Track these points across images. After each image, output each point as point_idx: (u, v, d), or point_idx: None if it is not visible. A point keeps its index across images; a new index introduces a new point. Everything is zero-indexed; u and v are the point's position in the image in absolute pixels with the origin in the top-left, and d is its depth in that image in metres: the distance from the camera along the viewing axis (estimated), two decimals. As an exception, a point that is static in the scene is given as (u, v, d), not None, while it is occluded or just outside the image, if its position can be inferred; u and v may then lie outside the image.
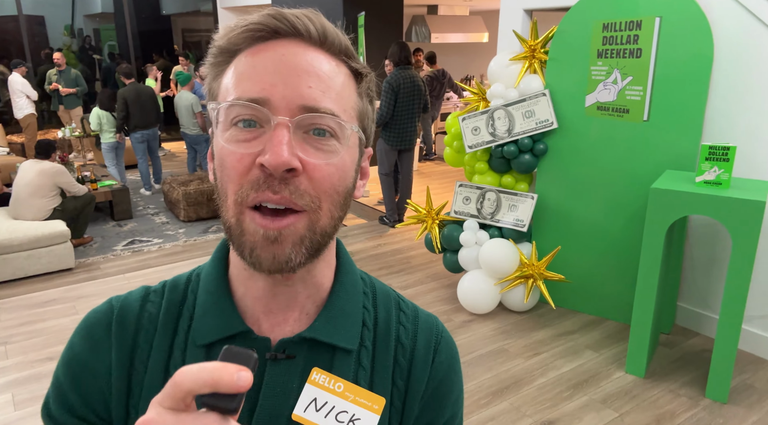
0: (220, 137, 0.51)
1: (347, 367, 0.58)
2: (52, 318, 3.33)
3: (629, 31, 2.84)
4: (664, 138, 2.87)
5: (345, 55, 0.54)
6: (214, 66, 0.54)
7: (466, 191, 3.41)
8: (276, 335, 0.57)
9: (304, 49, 0.51)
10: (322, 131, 0.50)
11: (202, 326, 0.57)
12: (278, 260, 0.50)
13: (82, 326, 0.60)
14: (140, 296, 0.61)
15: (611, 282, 3.18)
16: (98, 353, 0.58)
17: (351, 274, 0.63)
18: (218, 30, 0.53)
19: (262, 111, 0.48)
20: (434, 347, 0.63)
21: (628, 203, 3.04)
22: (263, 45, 0.51)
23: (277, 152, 0.47)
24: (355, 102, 0.54)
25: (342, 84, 0.52)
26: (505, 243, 3.16)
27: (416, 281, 3.80)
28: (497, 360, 2.83)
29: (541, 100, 3.14)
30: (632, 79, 2.89)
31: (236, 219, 0.50)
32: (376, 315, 0.63)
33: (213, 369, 0.38)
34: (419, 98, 4.71)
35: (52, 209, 4.26)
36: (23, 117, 7.07)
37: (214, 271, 0.60)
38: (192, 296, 0.60)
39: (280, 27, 0.50)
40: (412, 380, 0.61)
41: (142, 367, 0.57)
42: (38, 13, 9.83)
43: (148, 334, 0.58)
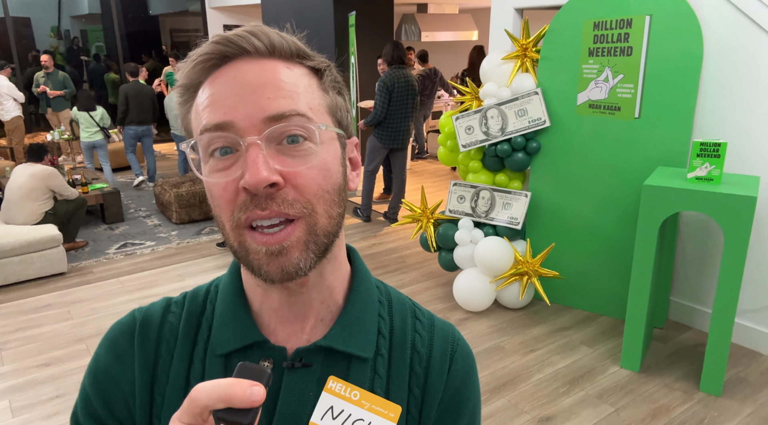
0: (203, 172, 0.52)
1: (363, 375, 0.58)
2: (46, 324, 3.31)
3: (620, 29, 2.87)
4: (655, 135, 2.90)
5: (298, 57, 0.54)
6: (182, 104, 0.55)
7: (461, 190, 3.43)
8: (292, 344, 0.58)
9: (255, 64, 0.51)
10: (295, 137, 0.50)
11: (220, 336, 0.58)
12: (287, 271, 0.51)
13: (106, 337, 0.62)
14: (162, 307, 0.63)
15: (605, 278, 3.22)
16: (122, 364, 0.59)
17: (366, 283, 0.63)
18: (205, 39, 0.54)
19: (229, 136, 0.49)
20: (450, 355, 0.63)
21: (621, 200, 3.07)
22: (218, 72, 0.52)
23: (254, 171, 0.47)
24: (321, 98, 0.54)
25: (302, 85, 0.52)
26: (500, 241, 3.18)
27: (412, 280, 3.81)
28: (494, 357, 2.86)
29: (533, 99, 3.16)
30: (623, 77, 2.92)
31: (238, 242, 0.52)
32: (392, 324, 0.63)
33: (227, 386, 0.39)
34: (413, 98, 4.72)
35: (44, 213, 4.23)
36: (9, 120, 6.99)
37: (231, 283, 0.61)
38: (211, 307, 0.61)
39: (227, 50, 0.51)
40: (428, 388, 0.61)
41: (164, 377, 0.59)
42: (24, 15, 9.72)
43: (169, 345, 0.60)
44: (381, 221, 5.13)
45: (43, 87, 7.28)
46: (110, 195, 5.20)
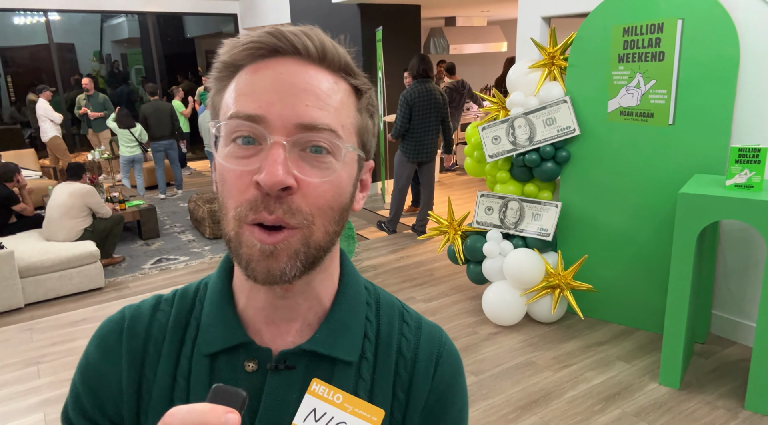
0: (221, 154, 0.52)
1: (347, 379, 0.58)
2: (83, 337, 3.40)
3: (651, 34, 2.79)
4: (690, 142, 2.80)
5: (345, 72, 0.54)
6: (218, 80, 0.55)
7: (488, 201, 3.38)
8: (277, 345, 0.58)
9: (302, 67, 0.51)
10: (319, 148, 0.51)
11: (207, 336, 0.59)
12: (272, 273, 0.51)
13: (96, 335, 0.62)
14: (151, 305, 0.63)
15: (641, 291, 3.10)
16: (110, 361, 0.60)
17: (354, 285, 0.63)
18: (223, 44, 0.55)
19: (258, 129, 0.50)
20: (436, 359, 0.63)
21: (656, 209, 2.96)
22: (263, 63, 0.52)
23: (272, 171, 0.48)
24: (355, 118, 0.55)
25: (340, 101, 0.53)
26: (530, 253, 3.11)
27: (440, 294, 3.76)
28: (525, 373, 2.77)
29: (562, 108, 3.10)
30: (655, 82, 2.83)
31: (235, 233, 0.52)
32: (379, 326, 0.63)
33: (202, 413, 0.39)
34: (437, 111, 4.70)
35: (83, 230, 4.37)
36: (48, 140, 7.31)
37: (219, 282, 0.61)
38: (200, 306, 0.62)
39: (279, 46, 0.51)
40: (413, 392, 0.61)
41: (151, 374, 0.59)
42: (68, 41, 10.19)
43: (157, 342, 0.60)
44: (408, 233, 5.10)
45: (85, 109, 7.58)
46: (147, 212, 5.35)
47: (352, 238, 4.22)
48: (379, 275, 4.15)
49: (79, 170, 4.53)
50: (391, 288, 3.89)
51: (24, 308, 3.92)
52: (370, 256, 4.58)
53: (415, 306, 3.58)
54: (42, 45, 9.47)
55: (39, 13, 9.32)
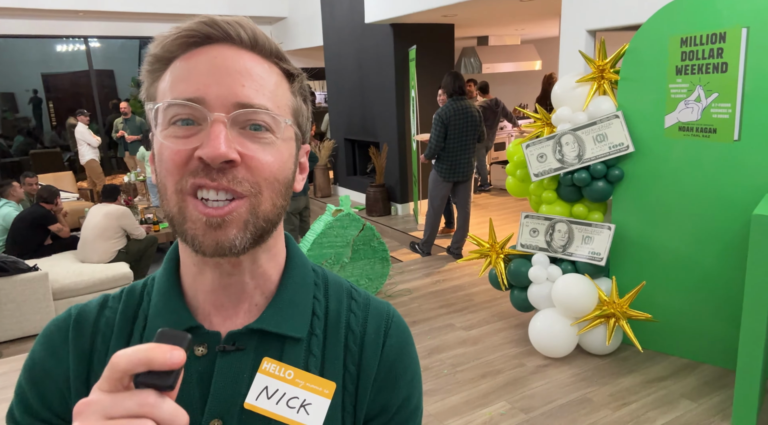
0: (159, 136, 0.52)
1: (297, 355, 0.59)
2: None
3: (712, 44, 2.60)
4: (758, 158, 2.57)
5: (276, 58, 0.56)
6: (150, 73, 0.55)
7: (533, 223, 3.19)
8: (227, 328, 0.59)
9: (235, 52, 0.53)
10: (258, 126, 0.52)
11: (155, 325, 0.59)
12: (221, 245, 0.51)
13: (42, 333, 0.61)
14: (98, 302, 0.63)
15: (706, 321, 2.84)
16: (57, 358, 0.59)
17: (301, 267, 0.64)
18: (154, 39, 0.55)
19: (198, 109, 0.50)
20: (384, 331, 0.64)
21: (721, 232, 2.72)
22: (197, 50, 0.53)
23: (215, 144, 0.49)
24: (289, 99, 0.57)
25: (275, 83, 0.55)
26: (581, 279, 2.90)
27: (481, 321, 3.56)
28: (581, 411, 2.54)
29: (613, 123, 2.91)
30: (718, 95, 2.63)
31: (178, 208, 0.52)
32: (327, 305, 0.64)
33: (146, 349, 0.40)
34: (474, 129, 4.56)
35: (117, 251, 4.34)
36: (85, 163, 7.45)
37: (166, 272, 0.62)
38: (147, 298, 0.62)
39: (212, 33, 0.53)
40: (363, 364, 0.62)
41: (100, 368, 0.58)
42: (108, 68, 10.49)
43: (105, 337, 0.60)
44: (444, 256, 4.92)
45: (122, 132, 7.72)
46: (178, 233, 5.32)
47: (386, 260, 4.06)
48: (415, 299, 3.98)
49: (115, 192, 4.53)
50: (428, 314, 3.70)
51: (56, 331, 3.87)
52: (405, 279, 4.41)
53: (455, 334, 3.38)
54: (82, 71, 9.76)
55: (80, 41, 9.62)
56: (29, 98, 9.87)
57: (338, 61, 7.30)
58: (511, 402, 2.63)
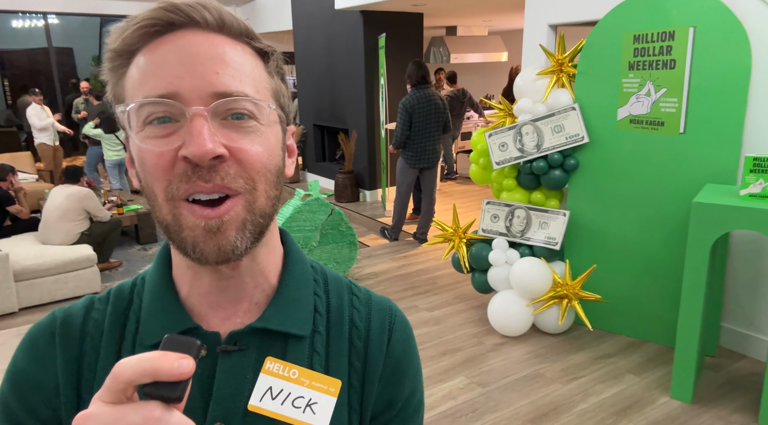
0: (136, 138, 0.49)
1: (301, 354, 0.57)
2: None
3: (662, 41, 2.77)
4: (702, 151, 2.76)
5: (247, 37, 0.52)
6: (113, 71, 0.51)
7: (494, 209, 3.33)
8: (226, 328, 0.57)
9: (203, 37, 0.49)
10: (240, 114, 0.49)
11: (149, 327, 0.56)
12: (223, 250, 0.49)
13: (25, 339, 0.58)
14: (84, 305, 0.60)
15: (651, 302, 3.04)
16: (43, 365, 0.56)
17: (300, 263, 0.62)
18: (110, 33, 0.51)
19: (174, 105, 0.47)
20: (389, 326, 0.64)
21: (666, 219, 2.92)
22: (161, 40, 0.49)
23: (199, 141, 0.46)
24: (267, 81, 0.53)
25: (250, 65, 0.51)
26: (537, 262, 3.06)
27: (444, 302, 3.70)
28: (533, 385, 2.71)
29: (570, 115, 3.06)
30: (666, 90, 2.80)
31: (172, 216, 0.49)
32: (328, 301, 0.63)
33: (153, 358, 0.37)
34: (438, 117, 4.66)
35: (80, 234, 4.29)
36: (37, 145, 7.22)
37: (157, 273, 0.59)
38: (138, 300, 0.59)
39: (176, 18, 0.48)
40: (369, 360, 0.61)
41: (90, 373, 0.56)
42: (67, 45, 10.15)
43: (94, 340, 0.57)
44: (410, 241, 5.04)
45: (84, 112, 7.51)
46: (145, 216, 5.27)
47: (354, 244, 4.15)
48: (381, 282, 4.09)
49: (77, 173, 4.46)
50: (394, 296, 3.82)
51: (18, 312, 3.83)
52: (372, 263, 4.51)
53: (419, 315, 3.51)
54: (40, 49, 9.43)
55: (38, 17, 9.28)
56: (-18, 75, 9.48)
57: (308, 47, 7.29)
58: (470, 377, 2.78)
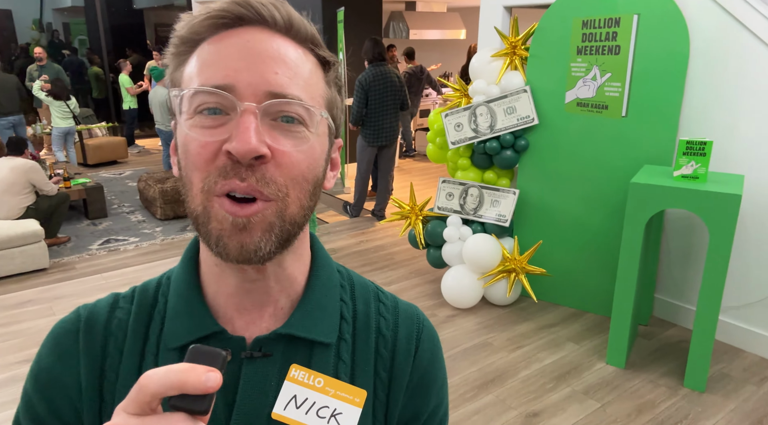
0: (184, 125, 0.49)
1: (327, 361, 0.56)
2: (28, 319, 3.24)
3: (608, 28, 2.89)
4: (641, 134, 2.93)
5: (312, 44, 0.53)
6: (176, 56, 0.52)
7: (449, 187, 3.43)
8: (251, 332, 0.56)
9: (269, 36, 0.49)
10: (291, 118, 0.49)
11: (174, 328, 0.56)
12: (246, 249, 0.48)
13: (49, 337, 0.58)
14: (109, 303, 0.59)
15: (591, 275, 3.24)
16: (66, 364, 0.56)
17: (327, 267, 0.62)
18: (180, 19, 0.51)
19: (227, 97, 0.47)
20: (416, 336, 0.63)
21: (608, 198, 3.09)
22: (227, 32, 0.49)
23: (245, 138, 0.45)
24: (324, 90, 0.53)
25: (309, 71, 0.51)
26: (488, 238, 3.19)
27: (400, 277, 3.81)
28: (481, 353, 2.86)
29: (522, 97, 3.17)
30: (611, 75, 2.94)
31: (203, 207, 0.49)
32: (355, 308, 0.62)
33: (180, 371, 0.37)
34: (394, 94, 4.70)
35: (26, 208, 4.14)
36: None
37: (184, 272, 0.58)
38: (163, 300, 0.58)
39: (245, 14, 0.49)
40: (395, 371, 0.60)
41: (113, 375, 0.56)
42: (5, 7, 9.53)
43: (117, 341, 0.57)
44: (369, 218, 5.12)
45: (40, 81, 7.09)
46: (93, 190, 5.12)
47: (313, 221, 4.19)
48: (339, 259, 4.16)
49: (21, 145, 4.28)
50: (351, 272, 3.90)
51: (-40, 289, 3.70)
52: (331, 239, 4.57)
53: (375, 289, 3.61)
54: (-25, 10, 8.81)
55: (-28, -25, 8.64)
56: None
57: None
58: (422, 348, 2.90)
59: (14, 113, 6.33)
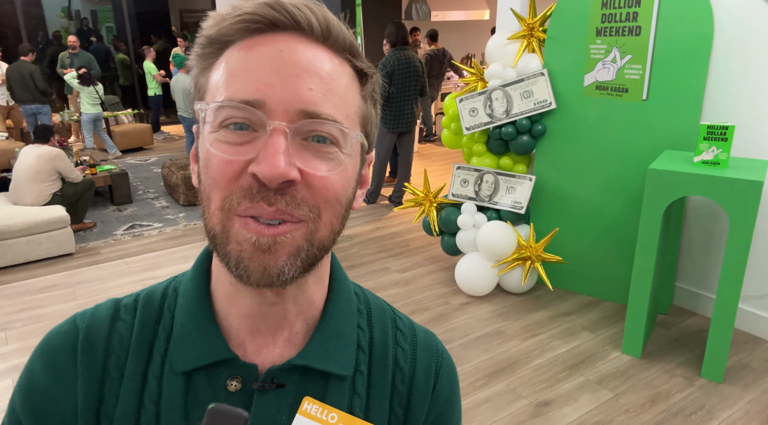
0: (207, 140, 0.45)
1: (341, 395, 0.53)
2: (52, 304, 3.36)
3: (628, 8, 2.79)
4: (663, 118, 2.84)
5: (349, 53, 0.49)
6: (202, 58, 0.48)
7: (464, 174, 3.39)
8: (263, 359, 0.53)
9: (304, 45, 0.46)
10: (323, 138, 0.45)
11: (181, 351, 0.51)
12: (269, 272, 0.45)
13: (43, 350, 0.53)
14: (109, 314, 0.55)
15: (609, 263, 3.18)
16: (62, 382, 0.51)
17: (345, 291, 0.58)
18: (208, 16, 0.48)
19: (256, 114, 0.43)
20: (435, 370, 0.59)
21: (627, 184, 3.01)
22: (259, 38, 0.45)
23: (273, 162, 0.42)
24: (359, 106, 0.50)
25: (345, 86, 0.48)
26: (503, 225, 3.15)
27: (414, 264, 3.80)
28: (494, 341, 2.85)
29: (539, 80, 3.09)
30: (631, 57, 2.84)
31: (222, 226, 0.45)
32: (372, 336, 0.58)
33: None
34: (416, 79, 4.65)
35: (52, 194, 4.26)
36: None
37: (195, 287, 0.54)
38: (168, 314, 0.54)
39: (279, 19, 0.45)
40: (412, 407, 0.57)
41: (112, 398, 0.51)
42: (34, -5, 9.72)
43: (119, 360, 0.52)
44: (386, 204, 5.11)
45: (71, 69, 7.24)
46: (119, 177, 5.24)
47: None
48: (354, 245, 4.17)
49: (47, 132, 4.39)
50: (366, 258, 3.91)
51: (-9, 273, 3.85)
52: (347, 226, 4.55)
53: (390, 277, 3.62)
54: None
55: (1, -35, 8.84)
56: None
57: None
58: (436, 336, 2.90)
59: (28, 101, 6.31)
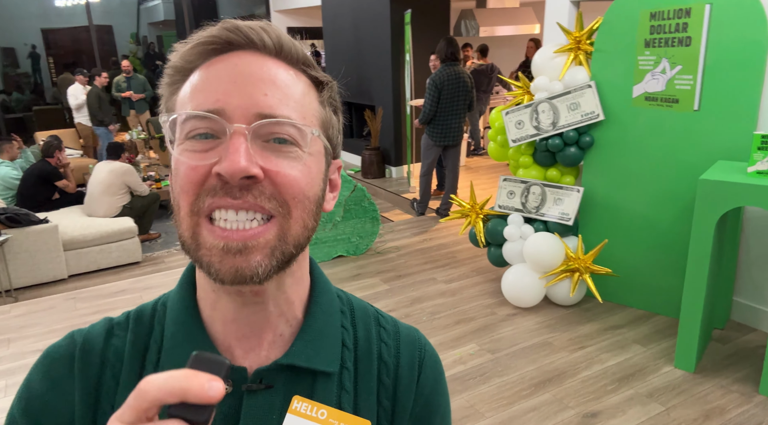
0: (175, 151, 0.48)
1: (329, 392, 0.55)
2: (121, 307, 3.62)
3: (678, 19, 2.77)
4: (715, 128, 2.79)
5: (303, 64, 0.52)
6: (169, 85, 0.52)
7: (511, 185, 3.42)
8: (251, 361, 0.54)
9: (259, 59, 0.49)
10: (283, 139, 0.48)
11: (172, 358, 0.54)
12: (241, 273, 0.47)
13: (41, 362, 0.55)
14: (104, 329, 0.57)
15: (661, 276, 3.12)
16: (59, 392, 0.53)
17: (327, 293, 0.60)
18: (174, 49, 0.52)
19: (217, 121, 0.46)
20: (419, 363, 0.62)
21: (678, 195, 2.96)
22: (217, 58, 0.49)
23: (234, 159, 0.44)
24: (317, 110, 0.52)
25: (302, 93, 0.51)
26: (550, 237, 3.16)
27: (461, 275, 3.85)
28: (541, 352, 2.85)
29: (586, 92, 3.11)
30: (681, 68, 2.82)
31: (191, 232, 0.47)
32: (356, 334, 0.60)
33: (182, 378, 0.36)
34: (465, 95, 4.73)
35: (122, 207, 4.59)
36: (76, 123, 7.61)
37: (181, 298, 0.57)
38: (159, 327, 0.57)
39: (234, 38, 0.49)
40: (398, 399, 0.59)
41: (108, 406, 0.53)
42: (107, 23, 10.49)
43: (114, 370, 0.55)
44: (433, 217, 5.18)
45: (129, 92, 7.77)
46: (180, 190, 5.55)
47: (377, 219, 4.32)
48: (402, 256, 4.26)
49: (118, 149, 4.75)
50: (413, 269, 3.99)
51: (68, 279, 4.18)
52: (394, 238, 4.68)
53: (436, 287, 3.67)
54: (82, 27, 9.77)
55: (79, -4, 9.59)
56: (27, 53, 9.90)
57: (335, 23, 7.36)
58: (480, 345, 2.93)
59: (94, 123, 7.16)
